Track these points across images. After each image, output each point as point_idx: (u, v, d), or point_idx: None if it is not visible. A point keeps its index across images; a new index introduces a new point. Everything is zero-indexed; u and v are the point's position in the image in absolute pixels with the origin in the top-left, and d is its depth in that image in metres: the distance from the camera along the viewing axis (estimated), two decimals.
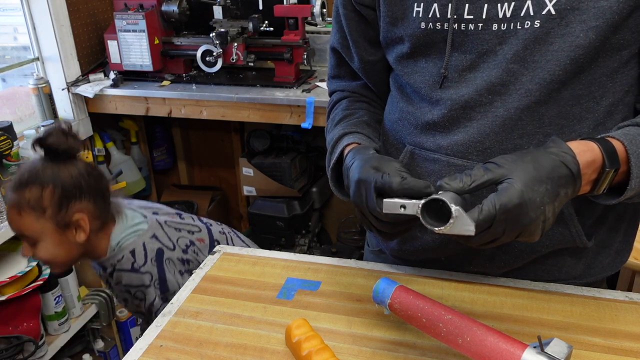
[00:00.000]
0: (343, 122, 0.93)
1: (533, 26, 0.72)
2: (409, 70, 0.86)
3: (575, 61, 0.72)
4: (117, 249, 1.27)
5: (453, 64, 0.79)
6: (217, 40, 2.13)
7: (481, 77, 0.77)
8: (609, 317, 0.82)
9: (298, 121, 2.11)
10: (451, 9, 0.76)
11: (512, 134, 0.77)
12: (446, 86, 0.81)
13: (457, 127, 0.81)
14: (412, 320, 0.71)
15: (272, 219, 2.54)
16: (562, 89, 0.75)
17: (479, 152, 0.80)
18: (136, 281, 1.25)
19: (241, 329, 0.83)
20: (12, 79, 2.31)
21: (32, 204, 1.16)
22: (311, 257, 1.01)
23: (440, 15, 0.77)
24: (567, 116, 0.76)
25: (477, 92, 0.78)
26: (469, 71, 0.78)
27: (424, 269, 0.96)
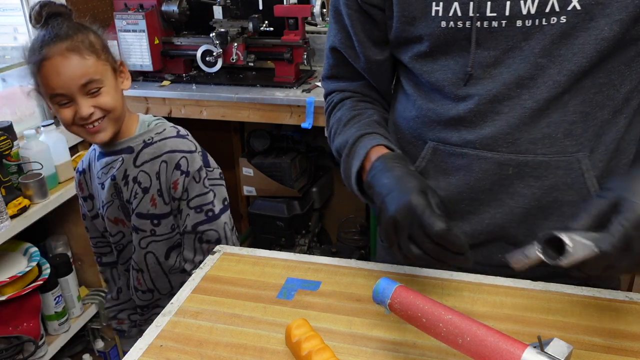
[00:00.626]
0: (355, 123, 0.93)
1: (559, 22, 0.74)
2: (428, 69, 0.86)
3: (600, 53, 0.75)
4: (154, 126, 1.29)
5: (477, 61, 0.80)
6: (217, 40, 2.13)
7: (508, 72, 0.79)
8: (609, 317, 0.82)
9: (298, 121, 2.11)
10: (473, 7, 0.77)
11: (539, 123, 0.80)
12: (471, 83, 0.82)
13: (485, 121, 0.82)
14: (412, 320, 0.71)
15: (272, 219, 2.54)
16: (585, 78, 0.78)
17: (509, 143, 0.82)
18: (183, 145, 1.25)
19: (241, 329, 0.83)
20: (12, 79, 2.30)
21: (88, 46, 1.17)
22: (311, 257, 1.01)
23: (462, 14, 0.79)
24: (589, 104, 0.79)
25: (506, 86, 0.79)
26: (493, 67, 0.80)
27: (424, 268, 0.96)
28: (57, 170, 1.91)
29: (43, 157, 1.82)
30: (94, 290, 2.23)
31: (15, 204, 1.71)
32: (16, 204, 1.71)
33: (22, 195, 1.75)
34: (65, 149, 1.96)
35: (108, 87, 1.19)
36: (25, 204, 1.73)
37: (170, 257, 1.33)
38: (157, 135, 1.27)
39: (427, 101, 0.89)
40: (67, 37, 1.15)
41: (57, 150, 1.91)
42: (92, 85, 1.16)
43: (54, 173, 1.90)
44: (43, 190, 1.80)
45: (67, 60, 1.14)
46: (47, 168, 1.83)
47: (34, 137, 1.84)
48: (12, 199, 1.71)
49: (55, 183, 1.91)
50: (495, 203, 0.87)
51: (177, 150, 1.24)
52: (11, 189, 1.72)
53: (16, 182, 1.78)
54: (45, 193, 1.81)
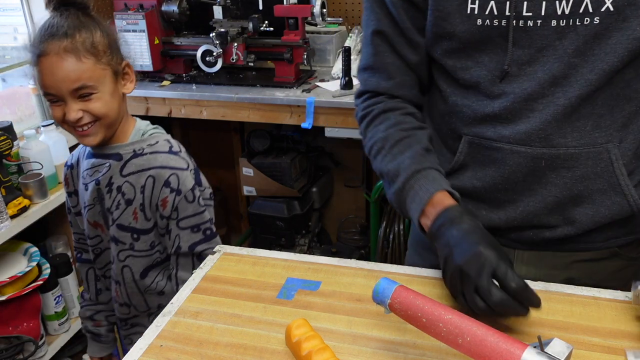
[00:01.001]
0: (406, 149, 0.90)
1: (592, 22, 0.76)
2: (462, 66, 0.87)
3: (631, 52, 0.77)
4: (147, 136, 1.24)
5: (514, 59, 0.82)
6: (217, 40, 2.13)
7: (542, 70, 0.81)
8: (609, 317, 0.82)
9: (298, 121, 2.11)
10: (509, 6, 0.79)
11: (570, 118, 0.82)
12: (507, 80, 0.84)
13: (520, 117, 0.85)
14: (412, 320, 0.71)
15: (272, 219, 2.54)
16: (615, 75, 0.80)
17: (541, 139, 0.84)
18: (174, 162, 1.19)
19: (241, 329, 0.83)
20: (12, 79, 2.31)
21: (88, 47, 1.11)
22: (311, 257, 1.01)
23: (498, 12, 0.80)
24: (617, 97, 0.82)
25: (540, 85, 0.82)
26: (528, 65, 0.82)
27: (424, 268, 0.96)
28: (57, 170, 1.91)
29: (43, 157, 1.82)
30: None
31: (15, 204, 1.71)
32: (16, 204, 1.71)
33: (22, 195, 1.76)
34: (65, 149, 1.96)
35: (102, 92, 1.14)
36: (25, 204, 1.73)
37: (147, 277, 1.26)
38: (149, 147, 1.20)
39: (462, 97, 0.90)
40: (67, 35, 1.10)
41: (57, 150, 1.91)
42: (84, 91, 1.11)
43: (54, 173, 1.90)
44: (43, 190, 1.80)
45: (62, 61, 1.09)
46: (47, 168, 1.83)
47: (34, 137, 1.84)
48: (12, 199, 1.71)
49: (55, 183, 1.91)
50: (529, 192, 0.89)
51: (167, 166, 1.18)
52: (11, 189, 1.72)
53: (16, 182, 1.78)
54: (45, 193, 1.81)
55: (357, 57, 2.28)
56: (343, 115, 2.07)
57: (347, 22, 2.58)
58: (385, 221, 2.56)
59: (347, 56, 2.09)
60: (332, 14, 2.54)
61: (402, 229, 2.53)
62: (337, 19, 2.30)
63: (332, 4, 2.56)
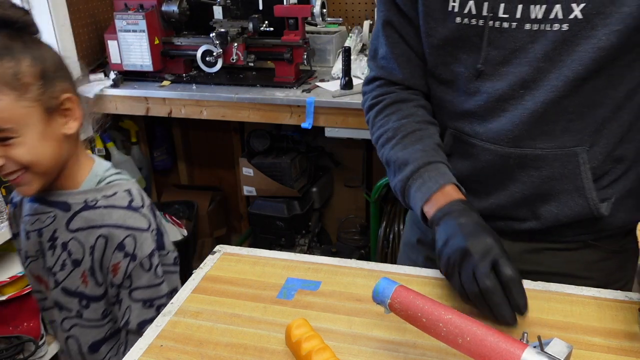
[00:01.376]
0: (417, 141, 0.93)
1: (561, 29, 0.77)
2: (445, 61, 0.90)
3: (596, 61, 0.78)
4: (105, 184, 1.05)
5: (488, 59, 0.85)
6: (217, 40, 2.13)
7: (513, 72, 0.83)
8: (609, 317, 0.82)
9: (298, 121, 2.11)
10: (487, 7, 0.81)
11: (538, 123, 0.84)
12: (482, 78, 0.87)
13: (492, 116, 0.88)
14: (412, 320, 0.71)
15: (272, 219, 2.54)
16: (584, 83, 0.80)
17: (510, 139, 0.87)
18: (132, 221, 1.01)
19: (241, 329, 0.83)
20: None
21: (8, 80, 0.89)
22: (311, 257, 1.01)
23: (476, 12, 0.82)
24: (587, 104, 0.83)
25: (510, 86, 0.84)
26: (501, 65, 0.84)
27: (424, 268, 0.96)
28: None
29: None
30: None
31: None
32: None
33: None
34: None
35: (26, 136, 0.92)
36: None
37: (97, 352, 1.08)
38: (104, 199, 1.02)
39: (445, 93, 0.94)
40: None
41: None
42: (0, 134, 0.91)
43: None
44: None
45: None
46: None
47: None
48: None
49: None
50: (500, 186, 0.93)
51: (122, 226, 1.00)
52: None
53: None
54: None
55: (357, 57, 2.29)
56: (343, 115, 2.07)
57: (347, 22, 2.58)
58: (385, 221, 2.56)
59: (347, 56, 2.09)
60: (332, 14, 2.54)
61: (402, 229, 2.53)
62: (337, 19, 2.31)
63: (332, 4, 2.56)
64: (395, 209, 2.56)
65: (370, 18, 2.46)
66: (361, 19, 2.56)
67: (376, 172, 2.76)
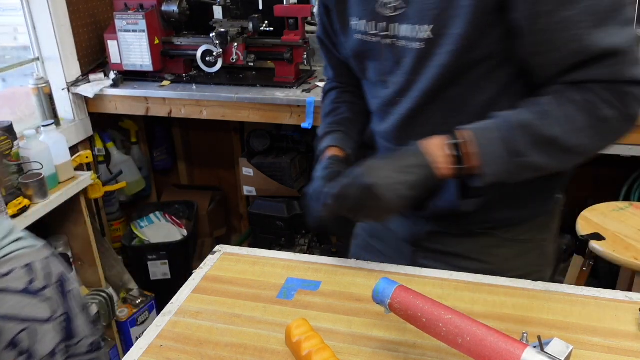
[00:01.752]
0: (329, 118, 1.16)
1: (420, 46, 0.89)
2: (360, 68, 1.05)
3: (442, 76, 0.89)
4: (1, 257, 0.86)
5: (380, 69, 0.99)
6: (217, 40, 2.13)
7: (394, 81, 0.97)
8: (609, 317, 0.82)
9: (298, 121, 2.11)
10: (373, 25, 0.95)
11: (411, 126, 0.98)
12: (378, 85, 1.02)
13: (384, 118, 1.03)
14: (412, 320, 0.71)
15: (272, 219, 2.54)
16: (442, 93, 0.92)
17: (395, 138, 1.01)
18: (29, 309, 0.82)
19: (241, 329, 0.83)
20: (12, 79, 2.31)
21: None
22: (311, 257, 1.01)
23: (367, 30, 0.96)
24: (449, 111, 0.94)
25: (393, 93, 0.98)
26: (388, 75, 0.98)
27: (424, 268, 0.96)
28: (57, 170, 1.91)
29: (43, 157, 1.82)
30: (94, 290, 2.22)
31: (15, 204, 1.71)
32: (16, 204, 1.71)
33: (22, 195, 1.75)
34: (66, 149, 1.96)
35: None
36: (25, 204, 1.73)
37: None
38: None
39: (366, 94, 1.10)
40: None
41: (57, 150, 1.90)
42: None
43: (54, 173, 1.90)
44: (43, 190, 1.80)
45: None
46: (47, 168, 1.83)
47: (34, 137, 1.84)
48: (12, 199, 1.71)
49: (55, 183, 1.91)
50: None
51: (16, 317, 0.80)
52: (11, 189, 1.72)
53: (16, 182, 1.78)
54: (45, 193, 1.81)
55: None
56: None
57: None
58: None
59: None
60: None
61: None
62: None
63: None
64: None
65: None
66: None
67: None
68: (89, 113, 2.38)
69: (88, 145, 2.44)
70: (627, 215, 1.67)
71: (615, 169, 2.47)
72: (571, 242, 2.42)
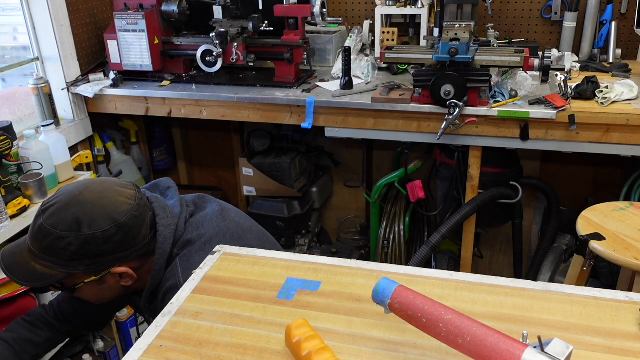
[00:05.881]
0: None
1: None
2: None
3: None
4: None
5: None
6: (217, 40, 2.13)
7: None
8: (609, 317, 0.82)
9: (298, 121, 2.11)
10: None
11: None
12: None
13: None
14: (412, 320, 0.71)
15: (272, 219, 2.54)
16: None
17: None
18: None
19: (241, 329, 0.83)
20: (12, 79, 2.31)
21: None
22: (311, 257, 1.01)
23: None
24: None
25: None
26: None
27: (424, 268, 0.96)
28: (56, 170, 1.91)
29: (43, 157, 1.82)
30: None
31: (15, 204, 1.71)
32: (16, 204, 1.71)
33: (22, 195, 1.75)
34: (65, 149, 1.96)
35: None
36: (25, 204, 1.73)
37: None
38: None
39: None
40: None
41: (56, 150, 1.90)
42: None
43: (54, 173, 1.90)
44: (43, 190, 1.80)
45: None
46: (46, 168, 1.83)
47: (33, 137, 1.83)
48: (12, 199, 1.71)
49: (55, 183, 1.91)
50: None
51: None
52: (11, 189, 1.72)
53: (16, 182, 1.78)
54: (45, 193, 1.81)
55: (357, 57, 2.29)
56: (343, 115, 2.07)
57: (347, 22, 2.58)
58: (385, 221, 2.56)
59: (347, 56, 2.09)
60: (332, 14, 2.54)
61: (403, 229, 2.53)
62: (337, 19, 2.31)
63: (332, 4, 2.56)
64: (395, 209, 2.56)
65: (370, 18, 2.46)
66: (361, 18, 2.56)
67: (376, 172, 2.76)
68: (89, 113, 2.39)
69: (88, 145, 2.44)
70: (627, 216, 1.67)
71: (615, 169, 2.47)
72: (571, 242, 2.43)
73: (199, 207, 1.23)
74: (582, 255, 1.65)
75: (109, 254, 1.06)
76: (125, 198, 1.08)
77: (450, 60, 1.79)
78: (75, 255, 1.04)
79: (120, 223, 1.05)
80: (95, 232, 1.03)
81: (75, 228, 1.03)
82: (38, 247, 1.05)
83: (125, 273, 1.10)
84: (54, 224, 1.03)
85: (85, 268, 1.06)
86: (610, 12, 2.28)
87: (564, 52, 2.24)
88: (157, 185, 1.27)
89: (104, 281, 1.11)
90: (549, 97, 1.89)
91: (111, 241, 1.05)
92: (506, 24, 2.45)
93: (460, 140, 1.99)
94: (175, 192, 1.23)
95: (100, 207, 1.05)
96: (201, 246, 1.12)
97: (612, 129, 1.82)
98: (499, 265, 2.78)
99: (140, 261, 1.12)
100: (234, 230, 1.18)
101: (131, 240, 1.08)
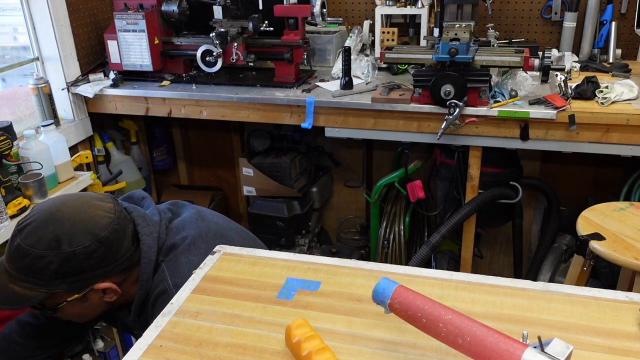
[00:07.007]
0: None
1: None
2: None
3: None
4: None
5: None
6: (217, 40, 2.13)
7: None
8: (609, 317, 0.82)
9: (298, 121, 2.11)
10: None
11: None
12: None
13: None
14: (412, 320, 0.71)
15: (272, 219, 2.54)
16: None
17: None
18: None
19: (241, 329, 0.83)
20: (12, 79, 2.31)
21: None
22: (311, 257, 1.01)
23: None
24: None
25: None
26: None
27: (424, 268, 0.96)
28: (56, 170, 1.91)
29: (43, 157, 1.82)
30: None
31: (15, 204, 1.71)
32: (16, 204, 1.71)
33: (22, 195, 1.75)
34: (65, 149, 1.96)
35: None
36: (25, 204, 1.73)
37: None
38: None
39: None
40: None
41: (56, 150, 1.90)
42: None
43: (54, 173, 1.90)
44: (43, 190, 1.80)
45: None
46: (46, 168, 1.83)
47: (33, 137, 1.84)
48: (12, 199, 1.71)
49: (55, 183, 1.91)
50: None
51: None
52: (11, 189, 1.72)
53: (16, 182, 1.78)
54: (45, 193, 1.81)
55: (357, 57, 2.29)
56: (343, 115, 2.07)
57: (347, 22, 2.58)
58: (385, 221, 2.56)
59: (347, 56, 2.09)
60: (332, 14, 2.54)
61: (403, 229, 2.53)
62: (337, 19, 2.31)
63: (332, 4, 2.56)
64: (395, 209, 2.56)
65: (370, 18, 2.46)
66: (361, 19, 2.56)
67: (376, 172, 2.76)
68: (89, 113, 2.39)
69: (88, 145, 2.44)
70: (627, 216, 1.67)
71: (615, 169, 2.47)
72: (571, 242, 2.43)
73: (175, 213, 1.23)
74: (582, 255, 1.65)
75: (91, 270, 1.04)
76: (105, 212, 1.06)
77: (450, 60, 1.79)
78: (56, 274, 1.01)
79: (101, 238, 1.03)
80: (75, 249, 1.01)
81: (55, 246, 1.00)
82: (16, 268, 1.03)
83: (109, 288, 1.09)
84: (32, 243, 1.01)
85: (67, 286, 1.04)
86: (610, 12, 2.28)
87: (564, 52, 2.24)
88: (131, 197, 1.26)
89: (87, 298, 1.09)
90: (549, 97, 1.89)
91: (93, 257, 1.03)
92: (506, 24, 2.45)
93: (460, 140, 1.99)
94: (150, 201, 1.22)
95: (79, 222, 1.03)
96: (186, 248, 1.11)
97: (612, 129, 1.82)
98: (499, 265, 2.79)
99: (123, 275, 1.11)
100: (216, 230, 1.18)
101: (113, 254, 1.06)
